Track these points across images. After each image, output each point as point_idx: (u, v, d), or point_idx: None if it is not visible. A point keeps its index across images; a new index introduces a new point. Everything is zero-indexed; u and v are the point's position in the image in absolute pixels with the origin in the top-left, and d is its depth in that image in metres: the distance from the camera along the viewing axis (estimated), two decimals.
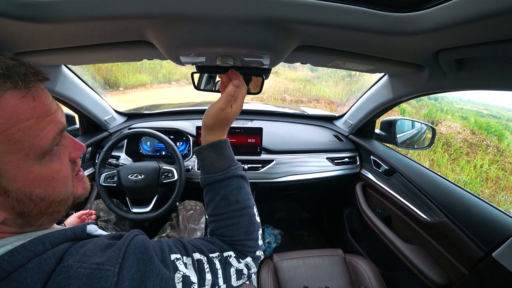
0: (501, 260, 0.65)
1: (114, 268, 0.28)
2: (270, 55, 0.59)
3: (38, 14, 0.43)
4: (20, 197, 0.28)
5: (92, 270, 0.27)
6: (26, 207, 0.29)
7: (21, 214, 0.29)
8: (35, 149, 0.28)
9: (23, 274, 0.25)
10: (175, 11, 0.43)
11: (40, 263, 0.26)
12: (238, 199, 0.45)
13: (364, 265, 1.03)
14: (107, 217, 0.99)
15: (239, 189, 0.46)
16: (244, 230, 0.44)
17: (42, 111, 0.29)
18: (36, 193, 0.29)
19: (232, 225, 0.44)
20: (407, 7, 0.43)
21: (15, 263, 0.25)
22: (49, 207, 0.31)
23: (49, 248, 0.28)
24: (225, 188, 0.45)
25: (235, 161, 0.48)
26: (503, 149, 4.66)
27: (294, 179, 1.25)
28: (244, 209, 0.45)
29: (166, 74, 7.28)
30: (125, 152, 1.21)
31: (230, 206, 0.44)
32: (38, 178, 0.29)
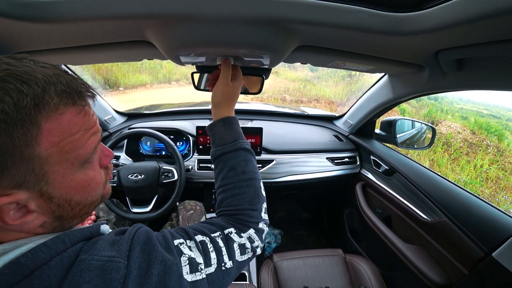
0: (501, 260, 0.65)
1: (124, 260, 0.29)
2: (270, 55, 0.59)
3: (38, 14, 0.43)
4: (61, 202, 0.30)
5: (104, 262, 0.28)
6: (64, 211, 0.31)
7: (59, 218, 0.31)
8: (80, 159, 0.30)
9: (46, 271, 0.25)
10: (175, 11, 0.43)
11: (62, 261, 0.27)
12: (244, 170, 0.47)
13: (364, 265, 1.03)
14: (107, 217, 0.99)
15: (246, 161, 0.49)
16: (249, 200, 0.46)
17: (89, 124, 0.31)
18: (75, 198, 0.31)
19: (238, 195, 0.46)
20: (407, 7, 0.43)
21: (38, 261, 0.26)
22: (82, 210, 0.33)
23: (69, 246, 0.29)
24: (233, 160, 0.48)
25: (243, 136, 0.52)
26: (503, 149, 4.66)
27: (294, 179, 1.25)
28: (250, 180, 0.47)
29: (166, 74, 7.28)
30: (125, 152, 1.21)
31: (237, 176, 0.47)
32: (78, 185, 0.31)
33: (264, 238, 0.46)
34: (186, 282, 0.33)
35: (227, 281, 0.38)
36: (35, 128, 0.25)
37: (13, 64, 0.25)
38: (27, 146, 0.25)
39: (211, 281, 0.36)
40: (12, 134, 0.23)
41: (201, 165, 1.20)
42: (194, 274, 0.34)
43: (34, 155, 0.25)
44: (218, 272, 0.37)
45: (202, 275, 0.35)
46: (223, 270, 0.38)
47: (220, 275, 0.37)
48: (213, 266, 0.37)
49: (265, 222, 0.47)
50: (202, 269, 0.35)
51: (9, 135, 0.23)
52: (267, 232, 0.49)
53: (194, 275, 0.34)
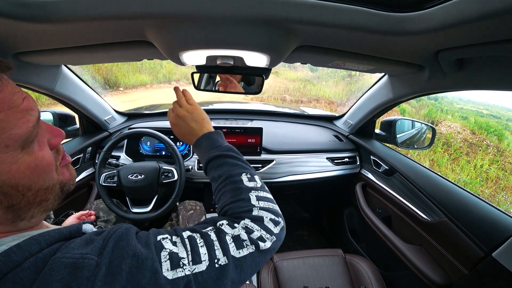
0: (501, 260, 0.65)
1: (96, 257, 0.27)
2: (270, 55, 0.59)
3: (38, 14, 0.43)
4: (6, 190, 0.28)
5: (76, 259, 0.26)
6: (14, 199, 0.29)
7: (10, 208, 0.29)
8: (15, 139, 0.28)
9: (19, 273, 0.24)
10: (175, 11, 0.43)
11: (36, 263, 0.26)
12: (220, 174, 0.48)
13: (364, 265, 1.03)
14: (107, 217, 0.99)
15: (220, 165, 0.49)
16: (230, 195, 0.44)
17: (13, 102, 0.28)
18: (22, 183, 0.29)
19: (220, 196, 0.46)
20: (407, 7, 0.43)
21: (11, 263, 0.25)
22: (37, 196, 0.31)
23: (44, 247, 0.28)
24: (211, 172, 0.50)
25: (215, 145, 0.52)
26: (503, 149, 4.66)
27: (294, 179, 1.25)
28: (227, 179, 0.46)
29: (166, 74, 7.28)
30: (125, 152, 1.21)
31: (217, 182, 0.48)
32: (22, 168, 0.29)
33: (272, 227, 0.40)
34: (164, 279, 0.29)
35: (224, 282, 0.33)
36: None
37: None
38: None
39: (201, 281, 0.31)
40: None
41: (201, 165, 1.19)
42: (175, 271, 0.30)
43: None
44: (211, 271, 0.32)
45: (185, 271, 0.31)
46: (217, 268, 0.33)
47: (213, 274, 0.32)
48: (204, 263, 0.32)
49: (261, 207, 0.42)
50: (185, 264, 0.31)
51: None
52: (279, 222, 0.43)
53: (175, 272, 0.30)
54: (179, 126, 0.57)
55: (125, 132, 1.03)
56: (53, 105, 3.42)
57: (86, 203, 1.09)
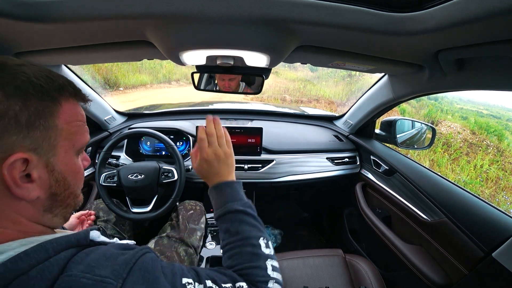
0: (501, 260, 0.65)
1: (116, 283, 0.28)
2: (270, 55, 0.59)
3: (38, 14, 0.43)
4: (59, 177, 0.33)
5: (95, 281, 0.27)
6: (59, 188, 0.34)
7: (52, 196, 0.34)
8: (78, 145, 0.36)
9: (25, 281, 0.25)
10: (176, 11, 0.43)
11: (42, 271, 0.26)
12: (238, 231, 0.47)
13: (364, 265, 1.03)
14: (107, 217, 0.99)
15: (239, 221, 0.48)
16: (248, 258, 0.44)
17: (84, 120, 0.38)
18: (68, 179, 0.35)
19: (236, 254, 0.45)
20: (407, 7, 0.43)
21: (17, 271, 0.25)
22: (69, 197, 0.36)
23: (52, 255, 0.28)
24: (226, 222, 0.49)
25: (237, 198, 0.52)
26: (503, 149, 4.66)
27: (294, 179, 1.25)
28: (245, 239, 0.46)
29: (166, 74, 7.28)
30: (125, 152, 1.21)
31: (232, 237, 0.47)
32: (72, 168, 0.35)
33: None
34: None
35: None
36: (58, 104, 0.32)
37: None
38: (51, 115, 0.31)
39: None
40: (43, 102, 0.30)
41: None
42: None
43: (54, 124, 0.32)
44: None
45: None
46: None
47: None
48: None
49: (276, 281, 0.43)
50: None
51: (41, 103, 0.30)
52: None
53: None
54: (210, 164, 0.53)
55: (125, 132, 1.03)
56: None
57: (86, 203, 1.09)
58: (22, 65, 0.30)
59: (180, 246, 0.89)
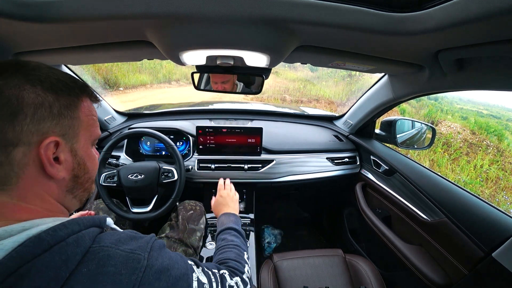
0: (501, 260, 0.65)
1: (144, 254, 0.35)
2: (270, 55, 0.59)
3: (38, 14, 0.43)
4: (80, 161, 0.39)
5: (127, 253, 0.33)
6: (80, 171, 0.40)
7: (74, 178, 0.39)
8: (94, 135, 0.42)
9: (64, 247, 0.29)
10: (176, 11, 0.43)
11: (77, 239, 0.31)
12: (233, 240, 0.66)
13: (364, 265, 1.03)
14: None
15: (235, 236, 0.69)
16: (234, 256, 0.60)
17: (97, 116, 0.43)
18: (87, 164, 0.41)
19: (226, 252, 0.61)
20: (407, 7, 0.43)
21: (58, 238, 0.30)
22: (87, 181, 0.42)
23: (83, 228, 0.33)
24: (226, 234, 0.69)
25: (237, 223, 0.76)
26: (503, 149, 4.66)
27: (294, 179, 1.25)
28: (236, 246, 0.64)
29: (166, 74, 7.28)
30: (125, 152, 1.21)
31: (227, 243, 0.65)
32: (90, 155, 0.42)
33: None
34: None
35: None
36: (80, 100, 0.39)
37: None
38: (76, 108, 0.38)
39: None
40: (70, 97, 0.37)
41: (201, 165, 1.20)
42: None
43: (77, 115, 0.38)
44: None
45: None
46: None
47: None
48: None
49: (248, 277, 0.57)
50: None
51: (69, 98, 0.37)
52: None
53: None
54: (226, 199, 0.88)
55: (125, 132, 1.03)
56: None
57: (86, 203, 1.09)
58: (51, 68, 0.38)
59: (180, 246, 0.89)
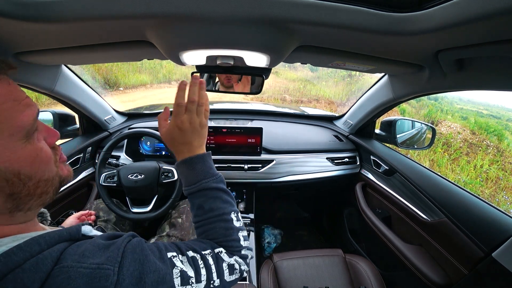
0: (501, 260, 0.65)
1: (113, 267, 0.29)
2: (270, 55, 0.59)
3: (38, 14, 0.43)
4: (9, 176, 0.29)
5: (92, 269, 0.28)
6: (15, 187, 0.30)
7: (11, 196, 0.30)
8: (19, 130, 0.30)
9: (19, 274, 0.25)
10: (176, 11, 0.43)
11: (36, 263, 0.26)
12: (212, 207, 0.48)
13: (364, 265, 1.03)
14: (107, 217, 0.99)
15: (213, 198, 0.49)
16: (222, 233, 0.47)
17: (18, 95, 0.31)
18: (23, 171, 0.30)
19: (210, 230, 0.47)
20: (407, 7, 0.43)
21: (11, 264, 0.25)
22: (37, 187, 0.32)
23: (45, 248, 0.28)
24: (199, 198, 0.49)
25: (210, 173, 0.50)
26: (503, 149, 4.66)
27: (294, 179, 1.25)
28: (220, 215, 0.48)
29: (166, 74, 7.28)
30: (125, 152, 1.21)
31: (206, 214, 0.48)
32: (23, 156, 0.30)
33: (248, 262, 0.49)
34: None
35: None
36: None
37: None
38: None
39: None
40: None
41: None
42: (185, 287, 0.35)
43: None
44: None
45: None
46: None
47: None
48: (203, 283, 0.38)
49: (247, 248, 0.48)
50: (193, 283, 0.36)
51: None
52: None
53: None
54: (183, 133, 0.49)
55: (125, 132, 1.03)
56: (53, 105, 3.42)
57: (86, 203, 1.09)
58: None
59: None
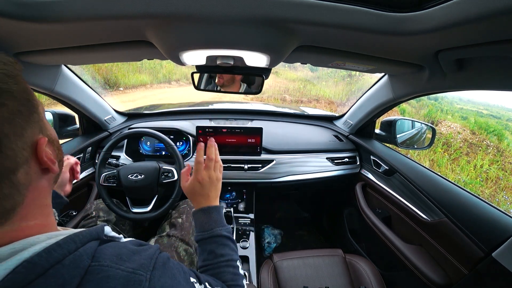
0: (501, 260, 0.65)
1: (146, 274, 0.32)
2: (270, 55, 0.59)
3: (38, 14, 0.43)
4: (57, 145, 0.37)
5: (128, 273, 0.30)
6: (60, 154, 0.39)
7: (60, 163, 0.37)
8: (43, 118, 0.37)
9: (60, 270, 0.27)
10: (175, 11, 0.43)
11: (74, 260, 0.29)
12: (223, 253, 0.53)
13: (364, 265, 1.03)
14: (107, 217, 0.99)
15: (224, 245, 0.54)
16: (231, 277, 0.51)
17: None
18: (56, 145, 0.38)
19: (219, 273, 0.51)
20: (407, 7, 0.43)
21: (52, 260, 0.27)
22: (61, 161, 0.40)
23: (79, 246, 0.31)
24: (212, 244, 0.54)
25: (223, 223, 0.57)
26: (503, 149, 4.66)
27: (294, 179, 1.25)
28: (229, 261, 0.52)
29: (166, 74, 7.29)
30: (125, 152, 1.21)
31: (217, 258, 0.52)
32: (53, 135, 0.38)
33: None
34: None
35: None
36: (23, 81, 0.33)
37: None
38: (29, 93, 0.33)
39: None
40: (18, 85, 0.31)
41: None
42: None
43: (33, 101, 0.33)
44: None
45: None
46: None
47: None
48: None
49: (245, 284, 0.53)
50: None
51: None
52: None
53: None
54: (202, 187, 0.57)
55: (125, 132, 1.03)
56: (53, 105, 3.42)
57: (86, 203, 1.09)
58: None
59: (181, 245, 0.89)
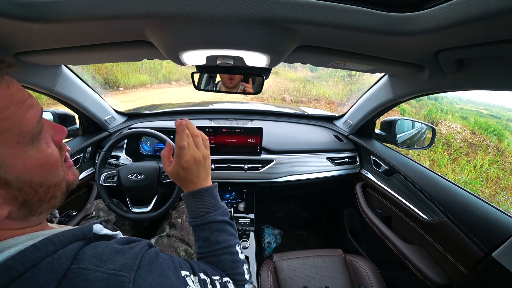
0: (501, 260, 0.65)
1: (129, 275, 0.29)
2: (270, 55, 0.59)
3: (38, 14, 0.43)
4: (21, 185, 0.29)
5: (109, 275, 0.28)
6: (27, 195, 0.30)
7: (24, 204, 0.30)
8: (24, 135, 0.28)
9: (36, 273, 0.25)
10: (175, 11, 0.43)
11: (52, 263, 0.26)
12: (219, 240, 0.48)
13: (364, 265, 1.03)
14: (107, 217, 0.99)
15: (219, 231, 0.49)
16: (229, 266, 0.47)
17: (19, 97, 0.29)
18: (34, 179, 0.30)
19: (217, 262, 0.47)
20: (407, 7, 0.43)
21: (27, 263, 0.25)
22: (47, 193, 0.32)
23: (59, 248, 0.28)
24: (206, 231, 0.49)
25: (217, 206, 0.51)
26: (503, 149, 4.67)
27: (294, 179, 1.25)
28: (226, 248, 0.48)
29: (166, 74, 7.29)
30: (125, 152, 1.21)
31: (212, 246, 0.48)
32: (34, 164, 0.30)
33: None
34: None
35: None
36: None
37: None
38: None
39: None
40: None
41: None
42: None
43: None
44: None
45: None
46: None
47: None
48: None
49: (250, 282, 0.49)
50: None
51: None
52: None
53: None
54: (189, 171, 0.48)
55: (125, 132, 1.03)
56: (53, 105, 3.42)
57: (86, 203, 1.09)
58: None
59: (181, 246, 0.89)
